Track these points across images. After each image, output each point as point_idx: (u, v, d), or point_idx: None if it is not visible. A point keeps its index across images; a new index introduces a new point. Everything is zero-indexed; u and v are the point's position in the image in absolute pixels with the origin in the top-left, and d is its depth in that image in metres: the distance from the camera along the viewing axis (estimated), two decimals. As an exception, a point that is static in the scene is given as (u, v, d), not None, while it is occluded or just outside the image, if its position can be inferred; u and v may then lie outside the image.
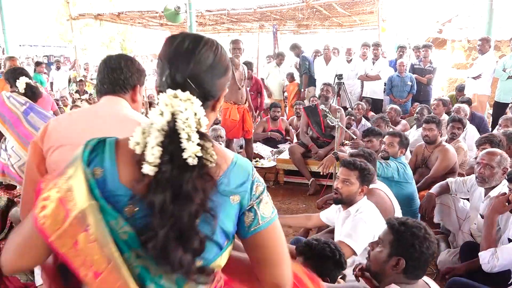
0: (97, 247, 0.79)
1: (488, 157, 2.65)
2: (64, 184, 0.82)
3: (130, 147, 0.83)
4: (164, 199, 0.78)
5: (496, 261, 2.15)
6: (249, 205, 0.92)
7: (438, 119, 3.88)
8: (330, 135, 4.77)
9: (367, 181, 2.33)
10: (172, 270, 0.80)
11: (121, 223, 0.81)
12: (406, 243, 1.53)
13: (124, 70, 1.54)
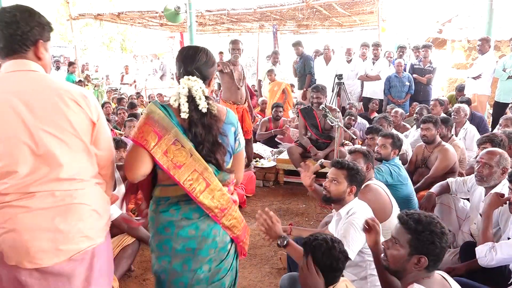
0: (183, 150, 1.56)
1: (487, 157, 2.66)
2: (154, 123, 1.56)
3: (171, 103, 1.61)
4: (198, 129, 1.59)
5: (494, 255, 2.15)
6: (236, 135, 1.75)
7: (435, 118, 3.87)
8: (329, 136, 4.76)
9: (356, 181, 2.30)
10: (214, 164, 1.63)
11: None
12: (427, 242, 1.55)
13: (21, 24, 1.35)
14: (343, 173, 2.30)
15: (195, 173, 1.57)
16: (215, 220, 1.64)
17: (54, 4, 20.93)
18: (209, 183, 1.60)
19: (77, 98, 1.40)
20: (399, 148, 3.34)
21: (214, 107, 1.64)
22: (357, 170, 2.31)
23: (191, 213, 1.62)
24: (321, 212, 4.08)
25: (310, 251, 1.75)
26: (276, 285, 2.82)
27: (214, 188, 1.61)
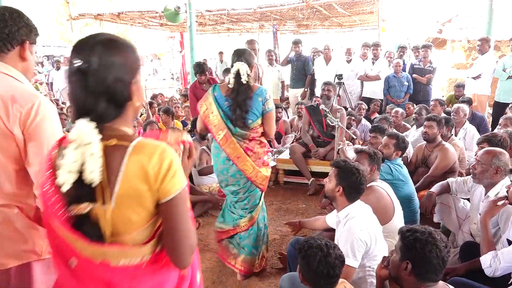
0: (216, 118, 2.62)
1: (482, 155, 2.68)
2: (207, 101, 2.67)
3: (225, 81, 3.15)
4: (236, 95, 2.56)
5: (498, 264, 2.15)
6: (263, 103, 2.61)
7: (439, 118, 3.89)
8: (331, 134, 4.76)
9: (344, 182, 2.23)
10: (239, 122, 2.59)
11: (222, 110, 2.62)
12: (409, 246, 1.63)
13: (9, 23, 1.37)
14: (334, 171, 2.30)
15: (222, 131, 2.63)
16: (233, 162, 2.67)
17: (54, 4, 20.95)
18: (228, 138, 2.64)
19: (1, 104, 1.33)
20: (402, 150, 3.32)
21: (251, 81, 2.59)
22: (346, 171, 2.25)
23: (226, 156, 2.69)
24: (321, 212, 4.08)
25: (305, 260, 1.75)
26: (276, 285, 2.82)
27: (231, 142, 2.64)
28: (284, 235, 3.60)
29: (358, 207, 2.28)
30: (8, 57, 1.39)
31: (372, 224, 2.23)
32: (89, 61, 1.00)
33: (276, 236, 3.57)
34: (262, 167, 2.74)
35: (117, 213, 1.01)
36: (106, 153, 1.00)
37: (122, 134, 1.04)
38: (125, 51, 1.07)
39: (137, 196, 1.01)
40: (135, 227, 1.03)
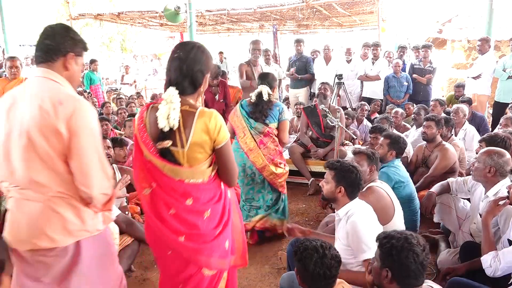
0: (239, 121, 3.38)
1: (479, 154, 2.71)
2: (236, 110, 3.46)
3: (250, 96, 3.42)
4: (258, 103, 3.34)
5: (498, 264, 2.15)
6: (280, 112, 3.36)
7: (438, 118, 3.89)
8: (330, 135, 4.77)
9: (344, 182, 2.25)
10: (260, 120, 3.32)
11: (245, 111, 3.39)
12: (386, 254, 1.62)
13: (57, 36, 1.61)
14: (331, 173, 2.30)
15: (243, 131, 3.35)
16: (246, 155, 3.31)
17: (54, 4, 20.94)
18: (245, 133, 3.33)
19: (48, 107, 1.51)
20: (397, 150, 3.23)
21: (271, 98, 3.35)
22: (344, 171, 2.25)
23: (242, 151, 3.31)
24: (321, 212, 4.08)
25: (302, 262, 1.74)
26: (276, 285, 2.82)
27: (247, 137, 3.32)
28: (284, 235, 3.59)
29: (358, 204, 2.29)
30: (55, 66, 1.61)
31: (373, 221, 2.23)
32: (186, 54, 1.68)
33: (277, 236, 3.57)
34: (271, 164, 3.33)
35: (189, 153, 1.66)
36: (182, 114, 1.64)
37: (192, 104, 1.70)
38: (207, 55, 1.75)
39: (202, 143, 1.66)
40: (199, 161, 1.69)
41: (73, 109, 1.52)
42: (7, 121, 1.57)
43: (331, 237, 2.70)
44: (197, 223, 1.70)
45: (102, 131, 5.07)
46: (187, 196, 1.68)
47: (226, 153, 1.72)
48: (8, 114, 1.57)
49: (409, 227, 2.83)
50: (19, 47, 16.03)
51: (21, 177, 1.56)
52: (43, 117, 1.50)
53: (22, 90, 1.61)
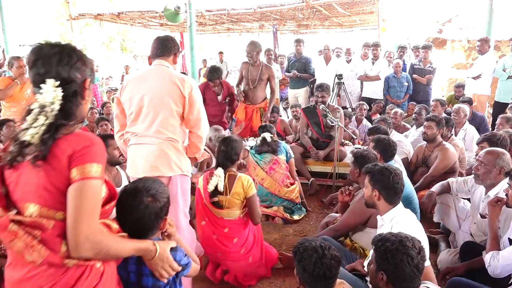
0: (250, 160, 4.04)
1: (485, 156, 2.68)
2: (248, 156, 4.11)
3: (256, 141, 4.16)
4: (261, 144, 4.00)
5: (497, 262, 2.15)
6: (286, 152, 4.11)
7: (438, 118, 3.89)
8: (330, 135, 4.76)
9: (379, 185, 2.19)
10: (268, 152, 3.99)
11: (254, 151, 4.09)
12: (382, 257, 1.64)
13: (171, 42, 2.58)
14: (367, 177, 2.27)
15: (253, 165, 3.97)
16: (261, 185, 3.81)
17: (54, 4, 20.94)
18: (255, 168, 3.95)
19: (176, 81, 2.40)
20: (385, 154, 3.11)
21: (275, 139, 4.01)
22: (377, 173, 2.20)
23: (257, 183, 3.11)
24: (321, 212, 4.08)
25: (301, 263, 1.73)
26: (276, 285, 2.82)
27: (257, 170, 3.93)
28: (284, 235, 3.60)
29: (403, 213, 2.21)
30: (168, 59, 2.55)
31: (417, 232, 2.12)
32: (228, 147, 2.80)
33: (276, 236, 3.57)
34: (283, 186, 3.88)
35: (230, 200, 2.68)
36: (228, 177, 2.72)
37: (233, 171, 2.78)
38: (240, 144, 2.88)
39: (238, 194, 2.69)
40: (236, 205, 2.71)
41: (191, 84, 2.44)
42: (139, 89, 2.41)
43: None
44: (229, 246, 2.69)
45: (102, 131, 5.09)
46: (224, 227, 2.71)
47: (253, 203, 2.72)
48: (141, 85, 2.42)
49: (409, 227, 2.83)
50: (19, 47, 16.03)
51: (147, 127, 2.39)
52: (173, 87, 2.38)
53: (147, 71, 2.51)
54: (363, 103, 6.21)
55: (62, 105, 1.22)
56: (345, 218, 2.76)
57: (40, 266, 1.18)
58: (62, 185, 1.18)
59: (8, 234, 1.16)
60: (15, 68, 4.86)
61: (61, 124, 1.20)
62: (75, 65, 1.27)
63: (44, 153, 1.16)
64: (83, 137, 1.23)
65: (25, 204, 1.19)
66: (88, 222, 1.17)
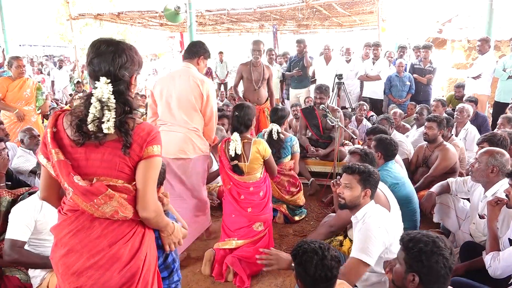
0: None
1: (480, 154, 2.71)
2: None
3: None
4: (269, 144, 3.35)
5: (497, 263, 2.15)
6: (291, 146, 3.92)
7: (440, 118, 3.88)
8: (329, 136, 4.76)
9: (370, 183, 2.26)
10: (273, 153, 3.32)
11: None
12: (415, 259, 1.57)
13: (197, 47, 3.10)
14: (356, 177, 2.26)
15: None
16: None
17: (54, 4, 20.95)
18: None
19: (198, 82, 2.95)
20: (386, 153, 3.15)
21: (281, 135, 3.83)
22: (369, 172, 2.26)
23: None
24: (321, 212, 4.08)
25: (302, 266, 1.71)
26: (276, 285, 2.82)
27: None
28: (284, 235, 3.60)
29: (375, 207, 2.27)
30: (193, 62, 3.08)
31: (386, 224, 2.19)
32: (241, 113, 3.00)
33: (276, 236, 3.57)
34: (287, 194, 3.85)
35: (249, 165, 2.99)
36: (243, 144, 2.98)
37: (248, 137, 3.03)
38: (253, 110, 3.11)
39: (256, 159, 2.99)
40: (255, 169, 3.02)
41: (208, 85, 3.00)
42: (169, 87, 2.98)
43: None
44: (255, 199, 3.02)
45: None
46: (249, 187, 3.01)
47: (270, 162, 3.09)
48: (170, 83, 3.00)
49: (409, 227, 2.84)
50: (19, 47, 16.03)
51: (176, 117, 2.96)
52: (195, 86, 2.93)
53: (176, 71, 3.09)
54: (363, 103, 6.20)
55: (116, 99, 1.42)
56: (338, 212, 2.77)
57: (115, 222, 1.48)
58: (135, 163, 1.47)
59: (105, 197, 1.42)
60: (14, 68, 4.88)
61: (129, 117, 1.45)
62: (125, 65, 1.48)
63: (130, 143, 1.43)
64: (151, 126, 1.53)
65: (101, 177, 1.44)
66: (153, 190, 1.49)
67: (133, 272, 1.50)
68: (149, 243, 1.58)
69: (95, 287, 1.45)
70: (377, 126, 4.20)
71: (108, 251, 1.46)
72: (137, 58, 1.54)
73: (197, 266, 3.05)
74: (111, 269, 1.46)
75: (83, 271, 1.45)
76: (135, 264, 1.50)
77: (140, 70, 1.58)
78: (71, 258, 1.46)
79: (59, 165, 1.42)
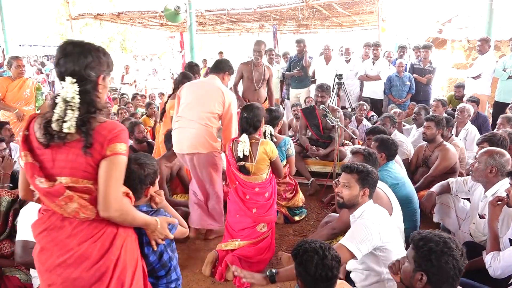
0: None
1: (479, 154, 2.71)
2: None
3: None
4: None
5: (497, 263, 2.15)
6: (286, 149, 3.64)
7: (438, 118, 3.88)
8: (329, 136, 4.76)
9: (369, 183, 2.27)
10: None
11: None
12: (424, 258, 1.56)
13: (223, 64, 3.48)
14: (354, 176, 2.27)
15: None
16: None
17: (54, 4, 20.96)
18: None
19: (222, 89, 3.28)
20: (388, 153, 3.16)
21: (274, 138, 3.57)
22: (367, 172, 2.27)
23: None
24: (321, 212, 4.08)
25: (302, 265, 1.72)
26: (277, 285, 2.81)
27: None
28: (284, 235, 3.60)
29: (373, 207, 2.29)
30: (219, 75, 3.41)
31: (383, 223, 2.19)
32: (250, 114, 3.00)
33: (276, 236, 3.57)
34: (283, 201, 3.83)
35: (256, 165, 2.97)
36: (251, 144, 2.96)
37: (256, 137, 3.02)
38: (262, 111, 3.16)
39: (263, 159, 2.97)
40: (261, 170, 3.01)
41: (232, 96, 3.33)
42: (195, 90, 3.33)
43: None
44: (261, 200, 3.01)
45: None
46: (255, 187, 3.01)
47: (277, 163, 3.08)
48: (194, 87, 3.37)
49: (409, 227, 2.84)
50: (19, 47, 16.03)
51: (192, 113, 3.19)
52: (220, 95, 3.23)
53: (202, 80, 3.84)
54: (363, 103, 6.20)
55: (81, 99, 1.44)
56: (340, 214, 2.77)
57: (84, 222, 1.49)
58: (98, 162, 1.46)
59: (65, 198, 1.44)
60: (14, 67, 4.89)
61: (90, 117, 1.45)
62: (91, 65, 1.49)
63: (90, 142, 1.43)
64: (116, 124, 1.53)
65: (62, 178, 1.45)
66: (116, 188, 1.47)
67: (102, 272, 1.50)
68: (124, 244, 1.58)
69: (65, 284, 1.48)
70: (377, 126, 4.20)
71: (77, 250, 1.48)
72: (105, 59, 1.55)
73: (197, 266, 3.05)
74: (79, 268, 1.48)
75: (53, 269, 1.49)
76: (104, 264, 1.51)
77: (109, 71, 1.58)
78: (43, 256, 1.51)
79: (26, 167, 1.47)
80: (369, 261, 2.19)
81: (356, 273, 2.32)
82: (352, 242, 2.08)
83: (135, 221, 1.60)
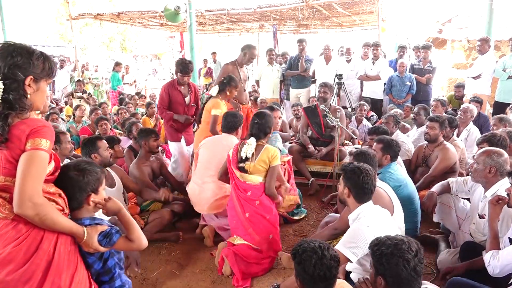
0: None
1: (478, 154, 2.71)
2: None
3: None
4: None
5: (497, 262, 2.15)
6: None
7: (442, 119, 3.86)
8: (330, 135, 4.76)
9: (349, 183, 2.30)
10: None
11: None
12: (378, 262, 1.62)
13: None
14: (342, 175, 2.35)
15: None
16: None
17: (54, 4, 20.94)
18: None
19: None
20: (391, 153, 3.17)
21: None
22: (349, 172, 2.30)
23: None
24: (321, 211, 4.08)
25: (301, 265, 1.73)
26: (281, 279, 2.81)
27: None
28: (284, 235, 3.60)
29: (370, 209, 2.29)
30: (232, 133, 3.61)
31: (378, 227, 2.18)
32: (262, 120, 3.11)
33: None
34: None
35: (255, 166, 3.01)
36: (257, 147, 3.03)
37: (262, 141, 3.10)
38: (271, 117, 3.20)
39: (263, 161, 3.00)
40: (259, 172, 3.02)
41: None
42: (209, 150, 3.57)
43: None
44: (252, 205, 2.98)
45: (101, 131, 5.09)
46: (247, 191, 3.00)
47: (274, 171, 3.04)
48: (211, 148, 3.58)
49: (410, 228, 2.84)
50: (19, 47, 15.90)
51: (206, 173, 3.47)
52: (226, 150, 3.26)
53: (214, 138, 3.77)
54: (364, 103, 6.20)
55: (4, 97, 1.45)
56: (342, 214, 2.77)
57: (11, 222, 1.47)
58: (19, 157, 1.45)
59: None
60: None
61: (8, 113, 1.45)
62: (17, 64, 1.48)
63: (5, 137, 1.43)
64: (38, 120, 1.51)
65: None
66: (32, 184, 1.42)
67: (28, 277, 1.46)
68: (57, 247, 1.53)
69: None
70: (380, 126, 4.19)
71: (1, 252, 1.44)
72: (38, 63, 1.54)
73: (197, 266, 3.05)
74: (3, 271, 1.44)
75: None
76: (30, 268, 1.46)
77: (44, 76, 1.58)
78: None
79: None
80: (368, 262, 2.19)
81: (356, 273, 2.32)
82: (346, 246, 2.12)
83: (56, 225, 1.51)
